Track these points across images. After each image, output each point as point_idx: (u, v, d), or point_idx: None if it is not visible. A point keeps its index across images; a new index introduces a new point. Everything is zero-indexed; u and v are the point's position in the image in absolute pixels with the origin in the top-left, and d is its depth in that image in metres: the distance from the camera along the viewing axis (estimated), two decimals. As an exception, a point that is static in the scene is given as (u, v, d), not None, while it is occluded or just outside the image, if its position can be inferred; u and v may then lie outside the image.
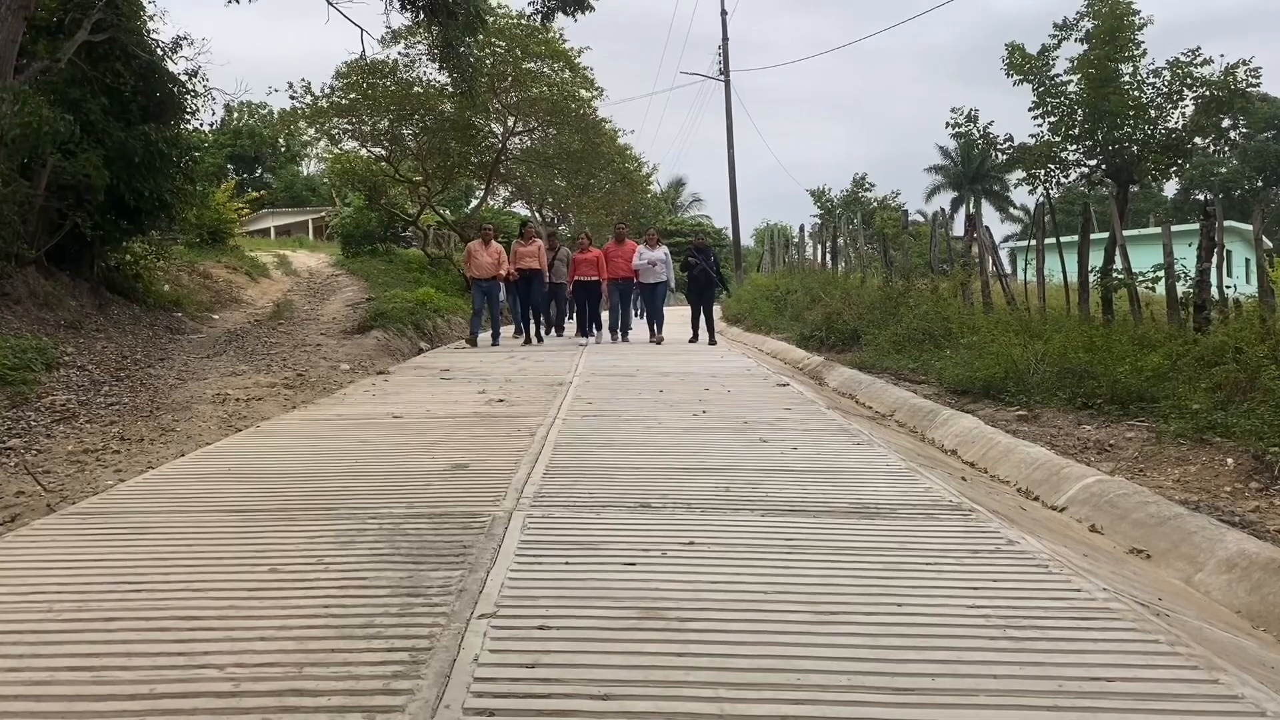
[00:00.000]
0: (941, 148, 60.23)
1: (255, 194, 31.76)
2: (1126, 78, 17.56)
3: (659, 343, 14.91)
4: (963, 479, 5.55)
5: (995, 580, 3.41)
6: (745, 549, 3.76)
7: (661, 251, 15.64)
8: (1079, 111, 17.90)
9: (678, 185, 58.86)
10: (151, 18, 13.36)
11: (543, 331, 15.57)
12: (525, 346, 14.53)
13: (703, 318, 15.51)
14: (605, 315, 16.37)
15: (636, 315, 17.99)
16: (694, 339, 15.32)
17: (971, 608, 3.12)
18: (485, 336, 15.40)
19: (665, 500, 4.55)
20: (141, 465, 5.91)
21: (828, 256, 23.26)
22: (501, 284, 14.83)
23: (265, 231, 39.89)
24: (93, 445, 6.53)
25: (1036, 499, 5.54)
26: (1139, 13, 17.48)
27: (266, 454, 5.93)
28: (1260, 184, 52.42)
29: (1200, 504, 5.22)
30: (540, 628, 2.93)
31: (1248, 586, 3.86)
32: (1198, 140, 18.42)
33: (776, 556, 3.67)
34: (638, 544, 3.80)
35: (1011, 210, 58.90)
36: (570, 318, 17.38)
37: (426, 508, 4.42)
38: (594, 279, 15.28)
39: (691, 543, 3.82)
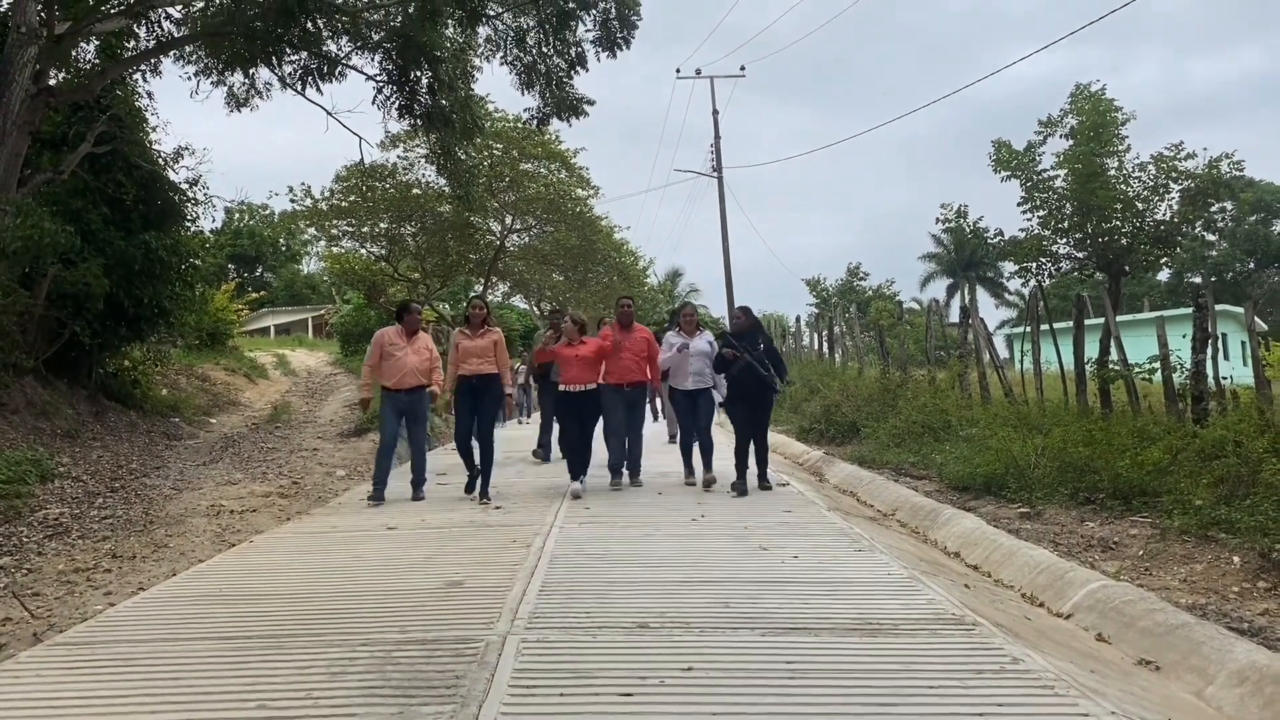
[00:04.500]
0: (935, 236, 61.17)
1: (255, 294, 32.03)
2: (1113, 172, 17.88)
3: (709, 483, 9.11)
4: (965, 586, 5.46)
5: (1000, 704, 3.32)
6: (745, 674, 3.67)
7: (705, 341, 9.53)
8: (1067, 205, 18.18)
9: (675, 276, 59.51)
10: (154, 129, 13.72)
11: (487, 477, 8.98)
12: (468, 497, 8.93)
13: (753, 444, 9.10)
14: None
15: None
16: (739, 486, 8.80)
17: (977, 737, 3.04)
18: (400, 487, 9.06)
19: (663, 619, 4.45)
20: (132, 586, 5.83)
21: (824, 346, 23.42)
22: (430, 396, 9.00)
23: (265, 330, 40.22)
24: (84, 564, 6.46)
25: (1041, 605, 5.46)
26: (1121, 109, 17.90)
27: (258, 572, 5.84)
28: (1252, 266, 52.94)
29: (1208, 606, 5.14)
30: (533, 769, 2.84)
31: (1260, 701, 3.76)
32: (1187, 227, 18.65)
33: (777, 682, 3.57)
34: (635, 671, 3.71)
35: (1006, 295, 59.39)
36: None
37: (419, 632, 4.33)
38: (592, 388, 9.26)
39: (690, 668, 3.73)
